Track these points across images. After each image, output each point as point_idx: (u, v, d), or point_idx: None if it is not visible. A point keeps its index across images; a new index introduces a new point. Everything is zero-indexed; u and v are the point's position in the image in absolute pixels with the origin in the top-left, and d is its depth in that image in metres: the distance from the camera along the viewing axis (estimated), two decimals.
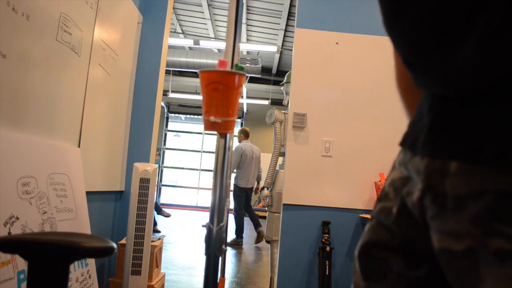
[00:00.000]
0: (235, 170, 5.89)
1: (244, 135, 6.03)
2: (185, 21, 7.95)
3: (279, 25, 7.38)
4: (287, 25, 7.25)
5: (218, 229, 0.88)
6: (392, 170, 0.56)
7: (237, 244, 5.87)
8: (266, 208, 3.29)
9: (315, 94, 2.66)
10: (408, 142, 0.51)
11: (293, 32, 3.89)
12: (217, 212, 0.89)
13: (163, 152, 12.11)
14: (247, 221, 6.35)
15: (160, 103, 2.92)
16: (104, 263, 2.58)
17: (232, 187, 6.46)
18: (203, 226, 7.63)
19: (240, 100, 8.06)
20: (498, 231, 0.36)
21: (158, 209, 8.55)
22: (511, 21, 0.37)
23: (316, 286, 2.53)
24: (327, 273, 2.45)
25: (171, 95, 10.13)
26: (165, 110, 11.91)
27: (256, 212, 11.12)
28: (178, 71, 10.09)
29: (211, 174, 2.74)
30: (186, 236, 6.74)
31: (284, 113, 3.22)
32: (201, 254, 4.84)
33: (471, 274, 0.38)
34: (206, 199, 12.02)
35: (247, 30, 7.85)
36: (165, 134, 12.20)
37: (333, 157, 2.62)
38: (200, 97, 0.92)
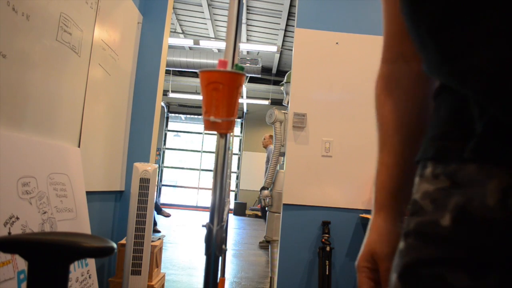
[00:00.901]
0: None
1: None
2: (185, 21, 7.95)
3: (279, 25, 7.38)
4: (287, 25, 7.26)
5: (218, 229, 0.88)
6: (419, 183, 0.53)
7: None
8: (266, 208, 3.29)
9: (315, 94, 2.66)
10: (453, 153, 0.48)
11: (293, 32, 3.89)
12: (217, 212, 0.89)
13: (163, 152, 12.12)
14: (246, 220, 6.35)
15: (160, 103, 2.92)
16: (104, 263, 2.58)
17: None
18: (203, 226, 7.64)
19: (240, 100, 8.06)
20: None
21: (158, 209, 8.56)
22: None
23: (316, 286, 2.53)
24: (327, 273, 2.45)
25: (171, 95, 10.14)
26: (165, 110, 11.91)
27: (256, 212, 11.16)
28: (178, 71, 10.10)
29: (211, 174, 2.74)
30: (186, 236, 6.74)
31: (284, 113, 3.22)
32: (201, 254, 4.84)
33: None
34: (206, 199, 12.03)
35: (247, 30, 7.85)
36: (165, 134, 12.21)
37: (333, 157, 2.62)
38: (200, 97, 0.92)
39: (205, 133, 11.98)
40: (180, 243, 5.83)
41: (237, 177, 11.90)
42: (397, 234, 0.60)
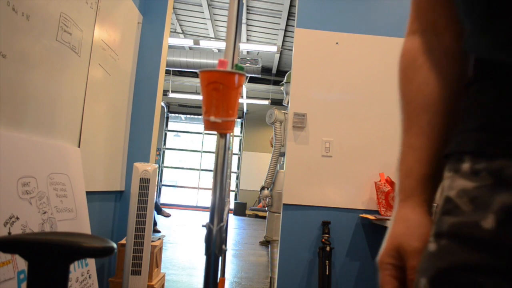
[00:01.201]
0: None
1: None
2: (185, 21, 7.95)
3: (279, 25, 7.38)
4: (287, 25, 7.26)
5: (218, 229, 0.88)
6: (453, 179, 0.47)
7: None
8: (266, 208, 3.29)
9: (315, 94, 2.66)
10: (500, 148, 0.42)
11: (293, 32, 3.89)
12: (217, 212, 0.89)
13: (163, 152, 12.12)
14: (246, 220, 6.35)
15: (160, 103, 2.92)
16: (104, 263, 2.58)
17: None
18: (203, 226, 7.64)
19: (240, 100, 8.07)
20: None
21: (158, 209, 8.56)
22: None
23: (316, 286, 2.53)
24: (327, 273, 2.45)
25: (171, 95, 10.14)
26: (165, 110, 11.91)
27: (256, 212, 11.15)
28: (178, 71, 10.10)
29: (211, 174, 2.74)
30: (186, 236, 6.74)
31: (284, 113, 3.23)
32: (201, 254, 4.84)
33: None
34: (206, 199, 12.03)
35: (247, 30, 7.85)
36: (165, 134, 12.21)
37: (333, 157, 2.62)
38: (200, 97, 0.92)
39: (205, 133, 11.98)
40: (180, 243, 5.83)
41: (237, 177, 11.90)
42: (427, 226, 0.53)
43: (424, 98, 0.57)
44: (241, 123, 12.03)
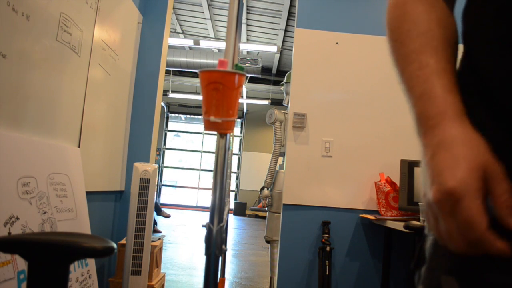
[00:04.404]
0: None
1: None
2: (185, 21, 7.95)
3: (279, 25, 7.38)
4: (287, 25, 7.26)
5: (218, 229, 0.88)
6: None
7: None
8: (266, 208, 3.29)
9: (315, 94, 2.66)
10: None
11: (293, 32, 3.89)
12: (217, 212, 0.89)
13: (163, 152, 12.12)
14: (246, 220, 6.35)
15: (160, 103, 2.92)
16: (104, 263, 2.58)
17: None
18: (203, 226, 7.62)
19: (240, 100, 8.07)
20: None
21: (158, 210, 8.55)
22: None
23: (316, 286, 2.53)
24: (327, 273, 2.45)
25: (171, 95, 10.14)
26: (165, 110, 11.91)
27: (256, 212, 11.15)
28: (178, 71, 10.10)
29: (211, 174, 2.74)
30: (186, 236, 6.74)
31: (284, 113, 3.22)
32: (201, 254, 4.84)
33: None
34: (206, 199, 12.03)
35: (247, 30, 7.85)
36: (165, 134, 12.21)
37: (333, 157, 2.62)
38: (200, 97, 0.92)
39: (205, 133, 11.98)
40: (180, 243, 5.83)
41: (237, 177, 11.90)
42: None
43: (435, 21, 0.56)
44: (241, 123, 12.04)
